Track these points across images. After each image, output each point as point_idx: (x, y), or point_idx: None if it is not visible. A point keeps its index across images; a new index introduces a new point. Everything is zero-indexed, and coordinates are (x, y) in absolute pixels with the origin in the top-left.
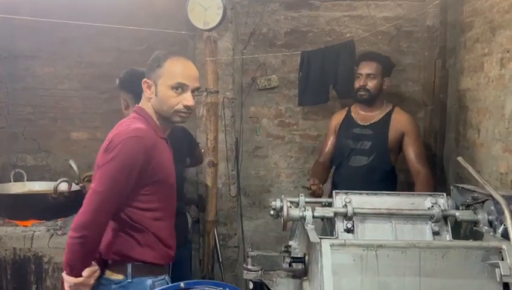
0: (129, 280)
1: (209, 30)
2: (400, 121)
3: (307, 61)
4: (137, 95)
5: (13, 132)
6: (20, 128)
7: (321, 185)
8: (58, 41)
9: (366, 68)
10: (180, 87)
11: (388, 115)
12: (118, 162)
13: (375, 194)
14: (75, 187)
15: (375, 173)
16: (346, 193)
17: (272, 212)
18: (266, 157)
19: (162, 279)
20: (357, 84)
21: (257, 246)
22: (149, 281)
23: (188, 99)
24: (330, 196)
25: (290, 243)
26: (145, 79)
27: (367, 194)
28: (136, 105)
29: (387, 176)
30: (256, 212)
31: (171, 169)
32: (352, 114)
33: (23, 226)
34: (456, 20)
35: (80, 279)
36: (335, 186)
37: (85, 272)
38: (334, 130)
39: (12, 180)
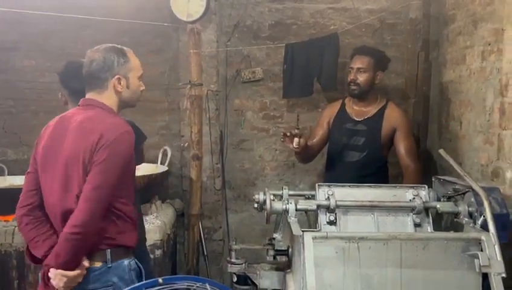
0: (109, 265)
1: (193, 22)
2: (392, 116)
3: (291, 54)
4: (74, 92)
5: None
6: (0, 121)
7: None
8: (39, 34)
9: (357, 62)
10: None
11: (382, 111)
12: (115, 158)
13: (358, 186)
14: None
15: (367, 168)
16: (329, 186)
17: (255, 205)
18: (251, 150)
19: (132, 260)
20: (348, 78)
21: (242, 239)
22: (126, 262)
23: (143, 85)
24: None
25: (274, 235)
26: (117, 76)
27: (349, 186)
28: (92, 98)
29: (380, 171)
30: (241, 205)
31: None
32: (347, 108)
33: (4, 221)
34: (439, 13)
35: (77, 272)
36: (327, 180)
37: (84, 264)
38: (326, 123)
39: None
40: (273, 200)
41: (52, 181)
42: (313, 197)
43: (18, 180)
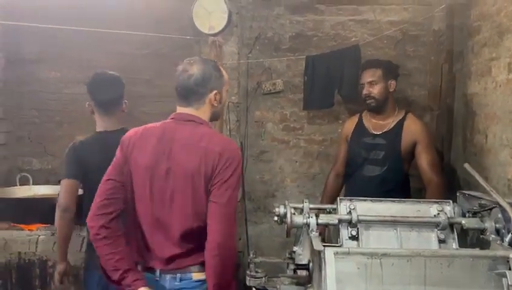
0: None
1: (215, 35)
2: (411, 129)
3: (311, 66)
4: (100, 102)
5: (19, 136)
6: (26, 132)
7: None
8: (63, 46)
9: (367, 76)
10: None
11: (400, 123)
12: (237, 175)
13: (380, 201)
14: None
15: (388, 182)
16: (350, 200)
17: (275, 218)
18: (271, 162)
19: None
20: (363, 94)
21: (262, 251)
22: None
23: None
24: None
25: (295, 249)
26: (215, 91)
27: (371, 201)
28: (191, 114)
29: (401, 185)
30: (261, 217)
31: None
32: (364, 122)
33: (28, 230)
34: (463, 24)
35: None
36: (348, 195)
37: None
38: (345, 138)
39: (18, 184)
40: (294, 213)
41: (158, 193)
42: (334, 211)
43: (42, 190)
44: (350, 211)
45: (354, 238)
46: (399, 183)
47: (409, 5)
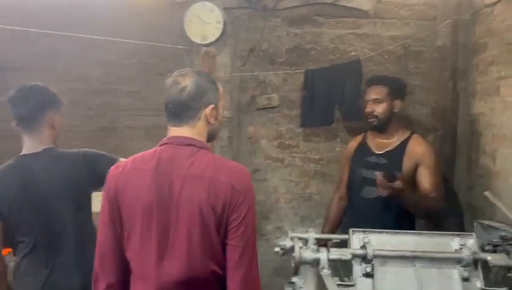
0: None
1: (208, 45)
2: (415, 150)
3: (311, 81)
4: (19, 121)
5: None
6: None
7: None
8: (44, 54)
9: (371, 93)
10: None
11: (404, 144)
12: (253, 208)
13: (396, 233)
14: None
15: (388, 206)
16: (364, 232)
17: (278, 250)
18: (265, 181)
19: None
20: (366, 112)
21: None
22: None
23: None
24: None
25: (294, 280)
26: (212, 106)
27: (387, 233)
28: (189, 137)
29: (402, 209)
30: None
31: None
32: (368, 141)
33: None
34: (467, 41)
35: None
36: (347, 218)
37: None
38: (348, 159)
39: None
40: (301, 247)
41: (156, 241)
42: (343, 242)
43: None
44: (364, 245)
45: (369, 275)
46: (400, 207)
47: (411, 19)
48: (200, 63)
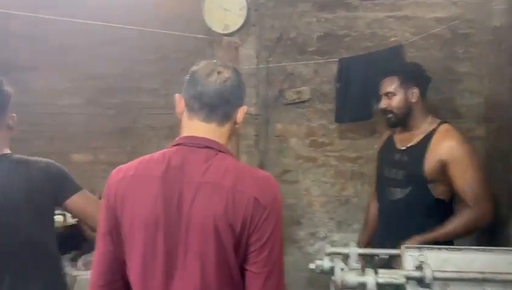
0: None
1: (230, 34)
2: (439, 145)
3: (345, 70)
4: None
5: None
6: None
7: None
8: (57, 50)
9: (384, 87)
10: None
11: (428, 137)
12: (280, 223)
13: (459, 249)
14: (70, 221)
15: (413, 210)
16: (419, 249)
17: (312, 267)
18: (296, 183)
19: None
20: (380, 109)
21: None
22: None
23: None
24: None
25: None
26: (245, 107)
27: (447, 249)
28: (210, 139)
29: (433, 214)
30: (284, 248)
31: None
32: (395, 134)
33: None
34: None
35: None
36: (378, 224)
37: None
38: (377, 155)
39: None
40: (342, 269)
41: (163, 262)
42: (391, 257)
43: None
44: (421, 265)
45: None
46: (429, 211)
47: None
48: (222, 56)
